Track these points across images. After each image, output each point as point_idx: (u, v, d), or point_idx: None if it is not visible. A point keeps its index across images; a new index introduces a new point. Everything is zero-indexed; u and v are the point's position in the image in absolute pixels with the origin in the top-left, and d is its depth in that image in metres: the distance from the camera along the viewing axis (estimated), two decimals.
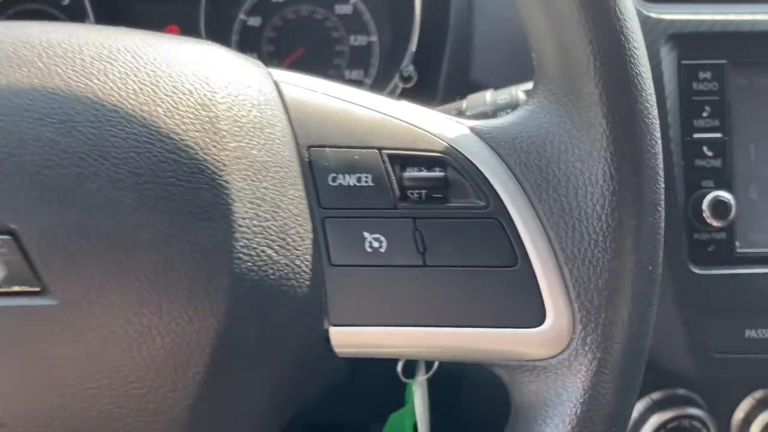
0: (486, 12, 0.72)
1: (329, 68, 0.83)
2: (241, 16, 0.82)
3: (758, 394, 0.71)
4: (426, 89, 0.75)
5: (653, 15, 0.63)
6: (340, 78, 0.84)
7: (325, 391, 0.74)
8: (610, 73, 0.35)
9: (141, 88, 0.35)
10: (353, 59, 0.83)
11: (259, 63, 0.41)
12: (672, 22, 0.63)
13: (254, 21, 0.82)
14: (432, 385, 0.66)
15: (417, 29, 0.74)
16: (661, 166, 0.37)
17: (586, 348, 0.36)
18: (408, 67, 0.74)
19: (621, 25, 0.35)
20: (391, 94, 0.77)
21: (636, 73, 0.36)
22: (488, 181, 0.37)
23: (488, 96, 0.56)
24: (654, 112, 0.37)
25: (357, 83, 0.84)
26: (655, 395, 0.72)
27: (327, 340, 0.37)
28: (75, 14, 0.81)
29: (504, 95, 0.55)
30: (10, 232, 0.32)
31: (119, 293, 0.33)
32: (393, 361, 0.61)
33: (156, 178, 0.34)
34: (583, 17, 0.35)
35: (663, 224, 0.38)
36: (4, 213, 0.32)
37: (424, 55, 0.76)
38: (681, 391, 0.71)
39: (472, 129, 0.39)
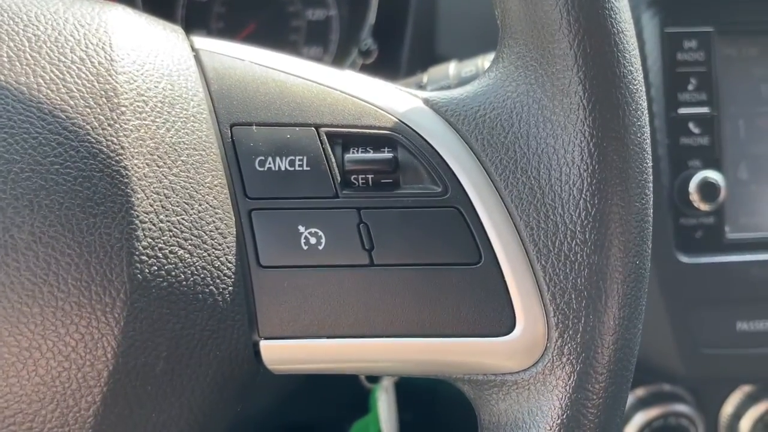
0: None
1: (285, 45, 0.80)
2: None
3: (747, 388, 0.72)
4: (388, 65, 0.73)
5: None
6: (296, 54, 0.82)
7: (287, 394, 0.70)
8: (587, 30, 0.31)
9: (18, 55, 0.30)
10: (311, 35, 0.80)
11: (177, 28, 0.36)
12: None
13: None
14: (402, 395, 0.63)
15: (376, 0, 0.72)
16: (649, 141, 0.33)
17: (564, 359, 0.32)
18: (367, 41, 0.71)
19: None
20: (351, 68, 0.74)
21: (618, 30, 0.31)
22: (445, 162, 0.33)
23: (451, 68, 0.52)
24: (639, 77, 0.32)
25: (315, 61, 0.81)
26: (640, 391, 0.75)
27: (257, 355, 0.33)
28: None
29: (469, 67, 0.51)
30: None
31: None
32: None
33: (35, 165, 0.28)
34: None
35: (651, 210, 0.33)
36: None
37: (385, 27, 0.73)
38: (667, 387, 0.71)
39: (426, 101, 0.35)
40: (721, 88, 0.61)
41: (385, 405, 0.61)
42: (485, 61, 0.51)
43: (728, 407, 0.72)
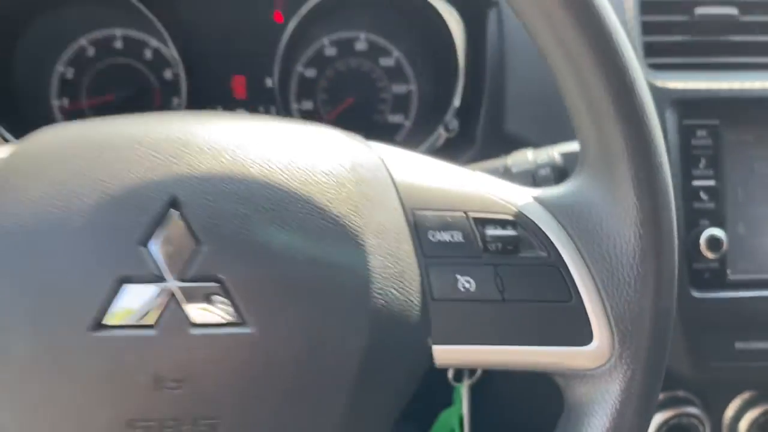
0: (517, 72, 0.76)
1: (374, 113, 0.87)
2: (300, 68, 0.86)
3: (746, 395, 0.78)
4: (465, 138, 0.80)
5: (659, 84, 0.71)
6: (383, 121, 0.90)
7: None
8: (640, 161, 0.41)
9: (302, 176, 0.42)
10: (395, 105, 0.87)
11: (363, 140, 0.46)
12: (674, 89, 0.70)
13: (311, 73, 0.87)
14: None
15: (461, 87, 0.79)
16: (675, 226, 0.43)
17: (622, 362, 0.43)
18: (453, 121, 0.80)
19: (648, 125, 0.42)
20: (435, 141, 0.81)
21: (660, 162, 0.42)
22: (549, 238, 0.44)
23: (529, 155, 0.62)
24: (671, 189, 0.42)
25: (398, 125, 0.90)
26: (659, 396, 0.73)
27: (431, 355, 0.43)
28: (159, 67, 0.88)
29: (543, 156, 0.61)
30: (218, 281, 0.40)
31: (302, 324, 0.40)
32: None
33: (319, 240, 0.41)
34: (620, 117, 0.41)
35: (677, 268, 0.43)
36: (212, 267, 0.40)
37: (463, 108, 0.80)
38: (680, 393, 0.77)
39: (536, 198, 0.45)
40: (725, 166, 0.69)
41: (466, 400, 0.72)
42: (555, 151, 0.62)
43: (730, 411, 0.78)
